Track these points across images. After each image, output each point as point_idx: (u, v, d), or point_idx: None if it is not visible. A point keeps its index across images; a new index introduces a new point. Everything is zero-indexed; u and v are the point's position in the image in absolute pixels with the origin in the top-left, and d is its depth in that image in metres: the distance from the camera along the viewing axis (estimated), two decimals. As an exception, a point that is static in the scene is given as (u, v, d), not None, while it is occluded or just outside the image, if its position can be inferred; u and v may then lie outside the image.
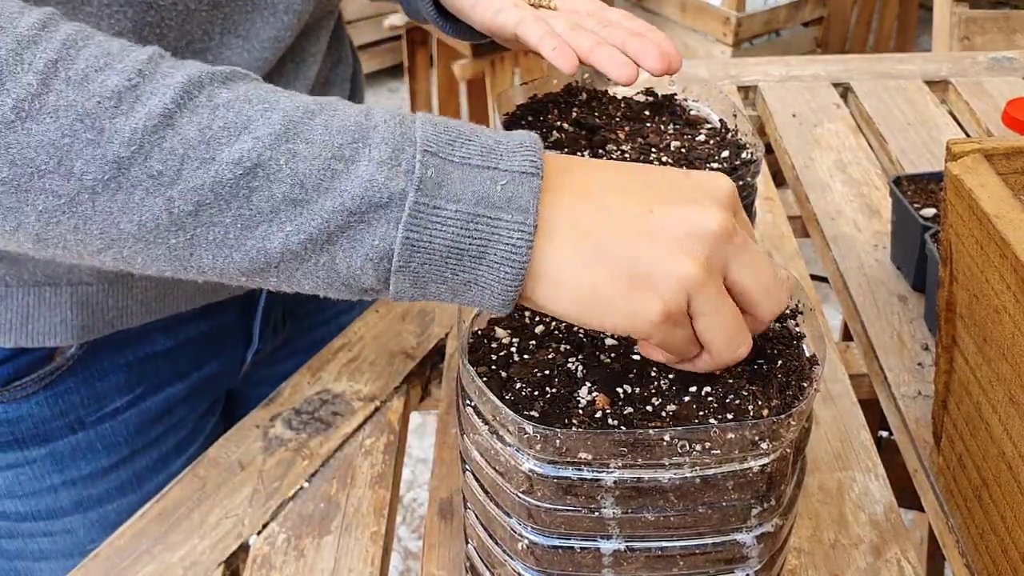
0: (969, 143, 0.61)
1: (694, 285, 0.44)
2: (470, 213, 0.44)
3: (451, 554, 0.64)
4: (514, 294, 0.45)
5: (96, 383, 0.73)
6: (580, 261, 0.45)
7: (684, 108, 0.69)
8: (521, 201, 0.45)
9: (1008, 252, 0.53)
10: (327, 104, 0.47)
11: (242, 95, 0.46)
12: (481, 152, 0.46)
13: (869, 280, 0.89)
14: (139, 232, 0.44)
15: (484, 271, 0.45)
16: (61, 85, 0.43)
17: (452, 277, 0.45)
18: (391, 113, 0.47)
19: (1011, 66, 1.26)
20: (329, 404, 0.75)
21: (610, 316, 0.45)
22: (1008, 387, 0.55)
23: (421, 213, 0.44)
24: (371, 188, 0.44)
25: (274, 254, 0.45)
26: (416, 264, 0.45)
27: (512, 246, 0.44)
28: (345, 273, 0.45)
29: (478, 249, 0.44)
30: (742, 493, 0.45)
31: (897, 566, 0.62)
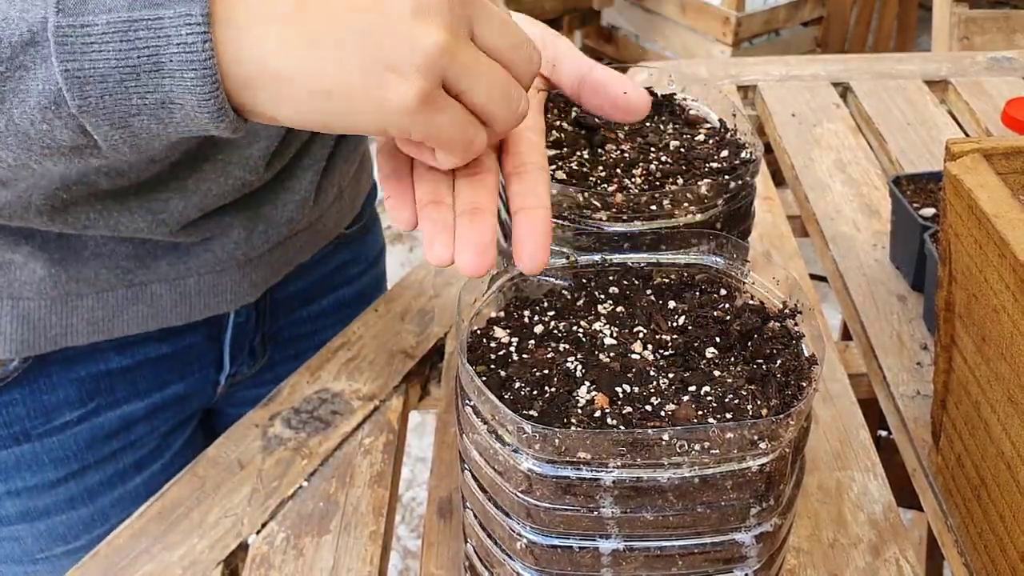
0: (968, 143, 0.61)
1: (445, 53, 0.38)
2: (126, 20, 0.38)
3: (450, 553, 0.64)
4: (217, 100, 0.39)
5: (43, 396, 0.71)
6: (297, 49, 0.38)
7: (683, 108, 0.69)
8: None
9: (1007, 252, 0.53)
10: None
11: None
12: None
13: (868, 280, 0.89)
14: None
15: (169, 83, 0.38)
16: None
17: (142, 102, 0.39)
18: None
19: (1010, 66, 1.26)
20: (328, 403, 0.76)
21: (355, 114, 0.38)
22: (1007, 387, 0.55)
23: (68, 36, 0.38)
24: (7, 27, 0.38)
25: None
26: (95, 98, 0.39)
27: (185, 45, 0.37)
28: (34, 132, 0.40)
29: (151, 61, 0.38)
30: (741, 493, 0.45)
31: (896, 565, 0.63)
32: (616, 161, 0.62)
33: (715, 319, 0.52)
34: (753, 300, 0.54)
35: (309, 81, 0.38)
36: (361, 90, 0.38)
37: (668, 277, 0.55)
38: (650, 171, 0.61)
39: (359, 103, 0.38)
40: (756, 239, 0.94)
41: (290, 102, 0.39)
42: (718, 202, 0.57)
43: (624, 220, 0.56)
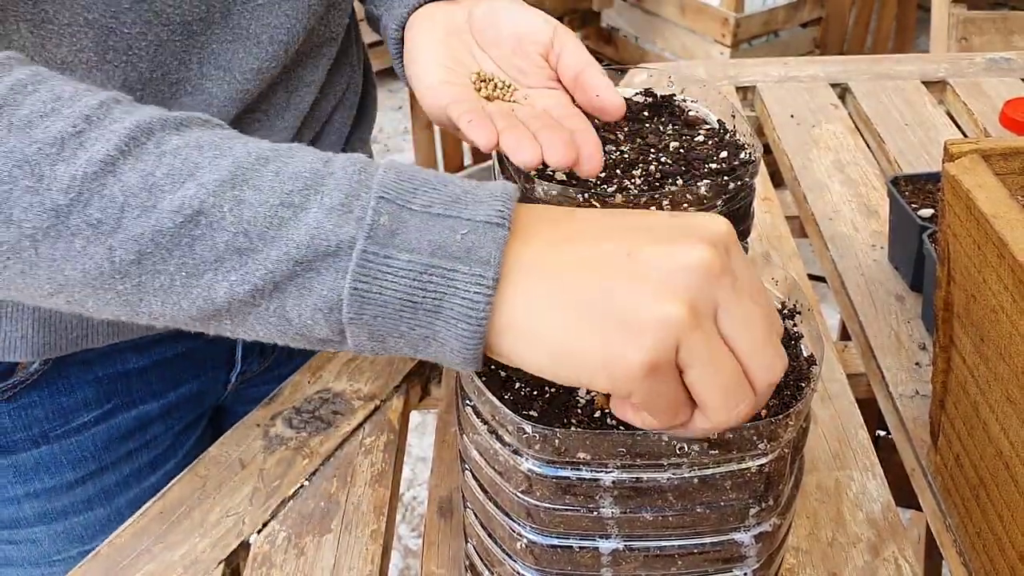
0: (967, 143, 0.61)
1: (681, 329, 0.39)
2: (424, 264, 0.41)
3: (451, 552, 0.64)
4: (476, 351, 0.42)
5: (62, 398, 0.72)
6: (548, 308, 0.41)
7: (683, 109, 0.69)
8: (482, 252, 0.41)
9: (1005, 252, 0.53)
10: (285, 150, 0.45)
11: (193, 141, 0.44)
12: (445, 201, 0.43)
13: (867, 280, 0.89)
14: (84, 279, 0.43)
15: (441, 326, 0.42)
16: (3, 131, 0.42)
17: (408, 332, 0.42)
18: (355, 159, 0.44)
19: (1009, 67, 1.26)
20: (329, 403, 0.76)
21: (586, 369, 0.40)
22: (1005, 387, 0.55)
23: (370, 263, 0.41)
24: (318, 236, 0.42)
25: (221, 302, 0.43)
26: (368, 316, 0.42)
27: (469, 300, 0.41)
28: (297, 323, 0.44)
29: (432, 302, 0.41)
30: (740, 493, 0.45)
31: (895, 565, 0.63)
32: (616, 162, 0.62)
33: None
34: (752, 301, 0.54)
35: (551, 340, 0.41)
36: (596, 351, 0.40)
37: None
38: (649, 172, 0.61)
39: (590, 362, 0.40)
40: (755, 240, 0.94)
41: (528, 352, 0.42)
42: (717, 203, 0.57)
43: (624, 221, 0.56)
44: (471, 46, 0.65)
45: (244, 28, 0.63)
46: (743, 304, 0.41)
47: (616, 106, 0.59)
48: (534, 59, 0.63)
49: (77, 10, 0.55)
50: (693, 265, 0.40)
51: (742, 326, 0.40)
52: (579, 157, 0.54)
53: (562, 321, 0.41)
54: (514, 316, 0.41)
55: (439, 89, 0.61)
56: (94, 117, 0.43)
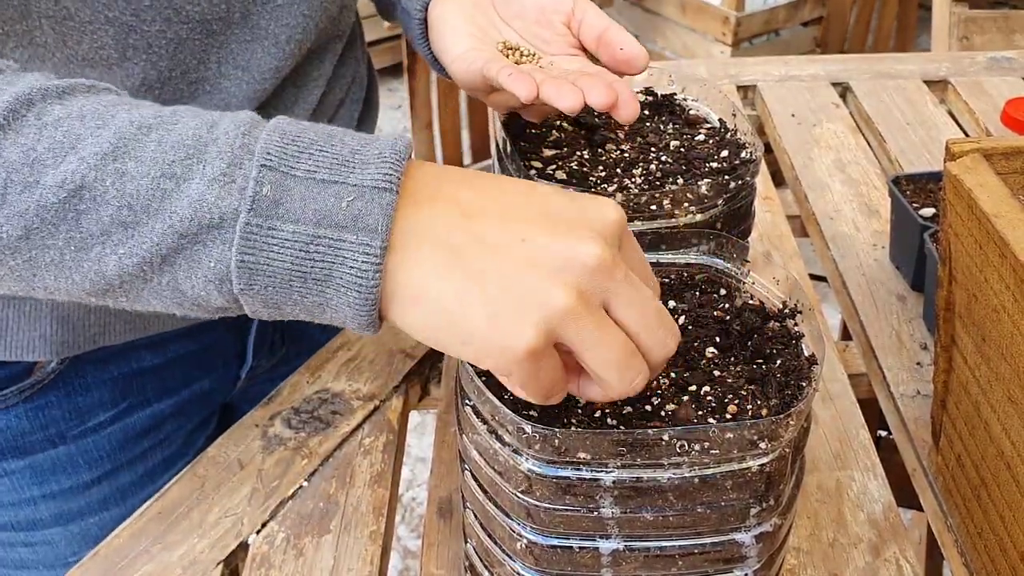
0: (968, 143, 0.61)
1: (567, 317, 0.40)
2: (309, 234, 0.41)
3: (450, 553, 0.64)
4: (370, 316, 0.42)
5: (78, 398, 0.72)
6: (439, 280, 0.42)
7: (683, 108, 0.69)
8: (369, 220, 0.41)
9: (1007, 252, 0.53)
10: (169, 116, 0.44)
11: (76, 111, 0.44)
12: (331, 164, 0.42)
13: (868, 280, 0.89)
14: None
15: (332, 294, 0.42)
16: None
17: (301, 300, 0.43)
18: (241, 121, 0.44)
19: (1010, 66, 1.26)
20: (328, 403, 0.76)
21: (470, 344, 0.41)
22: (1007, 387, 0.55)
23: (254, 235, 0.41)
24: (201, 208, 0.42)
25: (112, 276, 0.43)
26: (259, 287, 0.42)
27: (358, 269, 0.41)
28: (191, 294, 0.44)
29: (321, 272, 0.42)
30: (741, 493, 0.45)
31: (896, 565, 0.63)
32: (616, 161, 0.62)
33: (715, 319, 0.52)
34: (753, 300, 0.54)
35: (440, 311, 0.42)
36: (482, 329, 0.41)
37: (668, 277, 0.55)
38: (650, 171, 0.61)
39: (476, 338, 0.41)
40: (756, 239, 0.94)
41: (416, 320, 0.42)
42: (718, 202, 0.57)
43: (624, 220, 0.56)
44: (495, 19, 0.67)
45: (263, 28, 0.63)
46: (632, 290, 0.42)
47: (641, 56, 0.61)
48: (557, 28, 0.65)
49: (98, 7, 0.55)
50: (584, 260, 0.41)
51: (633, 311, 0.42)
52: (618, 100, 0.56)
53: (452, 295, 0.41)
54: (405, 282, 0.42)
55: (470, 55, 0.63)
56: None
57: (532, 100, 0.57)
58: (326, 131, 0.44)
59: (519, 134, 0.65)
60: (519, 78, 0.57)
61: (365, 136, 0.45)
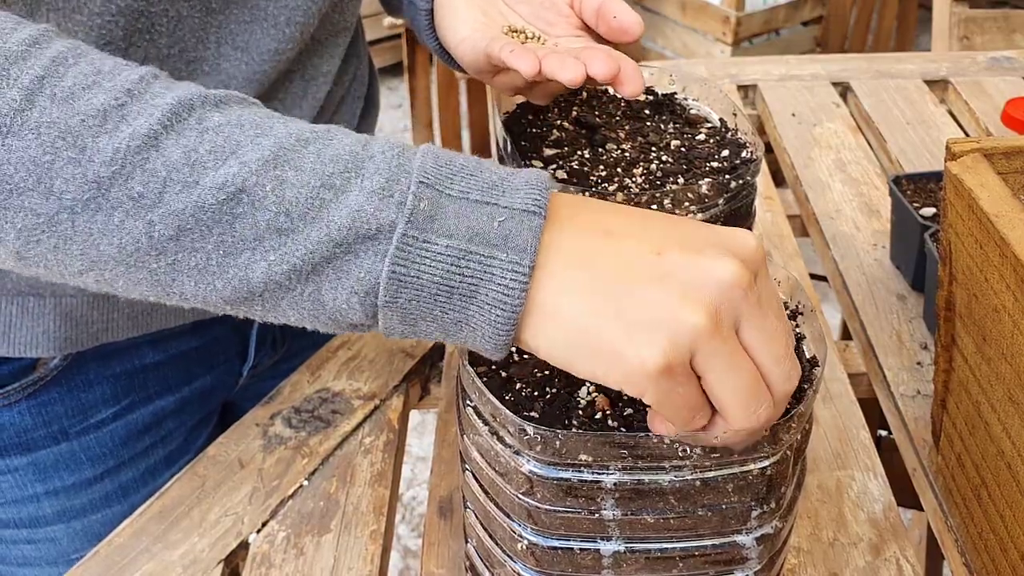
0: (968, 142, 0.61)
1: (700, 335, 0.40)
2: (462, 249, 0.42)
3: (450, 552, 0.64)
4: (507, 337, 0.42)
5: (81, 394, 0.72)
6: (575, 297, 0.42)
7: (684, 107, 0.69)
8: (519, 240, 0.42)
9: (1008, 251, 0.53)
10: (324, 132, 0.45)
11: (234, 119, 0.44)
12: (482, 187, 0.43)
13: (868, 279, 0.89)
14: (119, 255, 0.43)
15: (475, 311, 0.42)
16: (46, 102, 0.42)
17: (442, 316, 0.43)
18: (392, 144, 0.45)
19: (1010, 66, 1.26)
20: (329, 402, 0.75)
21: (602, 361, 0.41)
22: (1007, 386, 0.55)
23: (409, 247, 0.42)
24: (359, 218, 0.42)
25: (257, 283, 0.43)
26: (404, 300, 0.42)
27: (505, 287, 0.42)
28: (331, 306, 0.44)
29: (469, 288, 0.42)
30: (742, 495, 0.45)
31: (896, 565, 0.63)
32: (617, 160, 0.62)
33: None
34: (754, 300, 0.54)
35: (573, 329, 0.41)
36: (615, 345, 0.40)
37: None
38: (651, 170, 0.61)
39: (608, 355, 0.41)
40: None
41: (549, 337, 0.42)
42: (719, 201, 0.57)
43: (625, 220, 0.55)
44: (500, 5, 0.67)
45: (262, 8, 0.63)
46: (766, 319, 0.42)
47: (634, 23, 0.62)
48: (561, 9, 0.65)
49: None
50: (720, 276, 0.41)
51: (763, 338, 0.42)
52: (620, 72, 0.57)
53: (584, 310, 0.41)
54: (543, 300, 0.42)
55: (474, 36, 0.64)
56: (135, 91, 0.43)
57: (535, 75, 0.57)
58: (473, 159, 0.45)
59: (520, 133, 0.65)
60: (521, 54, 0.57)
61: (509, 168, 0.46)
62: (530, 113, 0.68)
